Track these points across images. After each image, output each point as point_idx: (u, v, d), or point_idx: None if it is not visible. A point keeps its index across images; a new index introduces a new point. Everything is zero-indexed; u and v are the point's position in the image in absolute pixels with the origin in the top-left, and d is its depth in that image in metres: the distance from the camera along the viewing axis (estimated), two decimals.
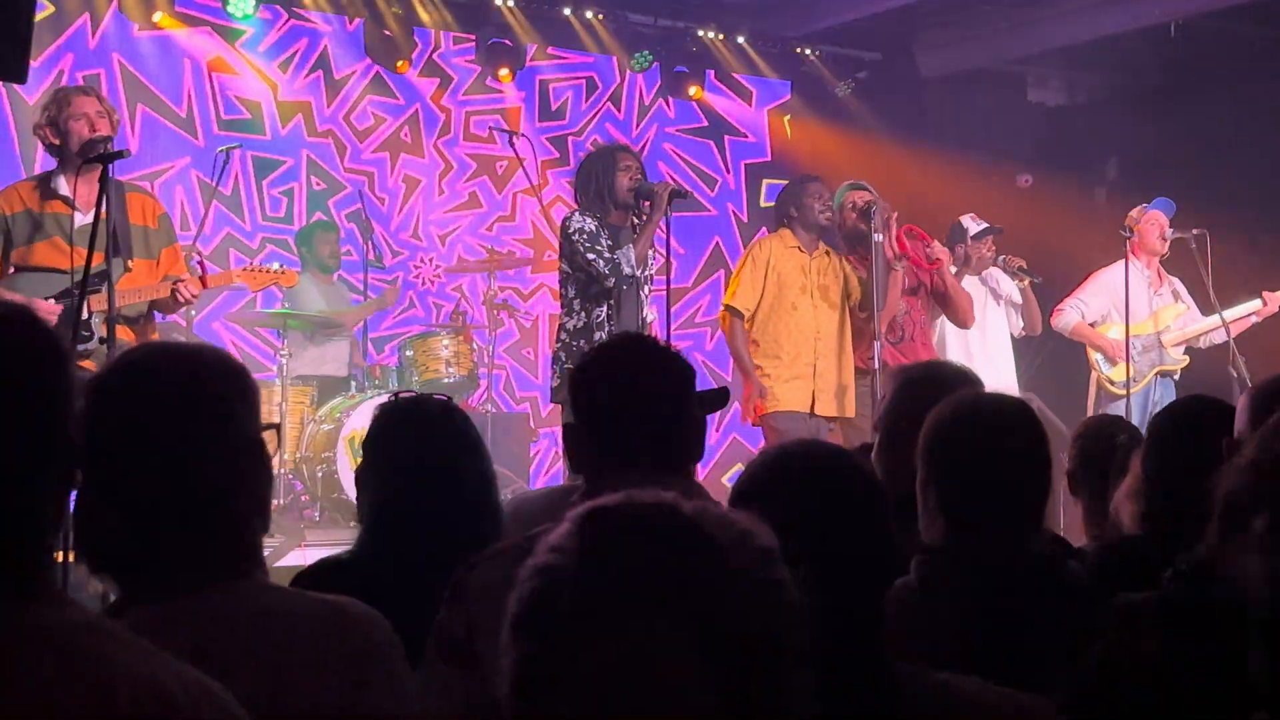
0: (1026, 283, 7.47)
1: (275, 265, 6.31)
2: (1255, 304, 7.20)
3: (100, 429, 1.63)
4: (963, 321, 6.96)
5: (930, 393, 2.82)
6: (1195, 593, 1.78)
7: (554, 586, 1.06)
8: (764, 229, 9.75)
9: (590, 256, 5.91)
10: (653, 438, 2.23)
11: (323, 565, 2.70)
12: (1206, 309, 7.25)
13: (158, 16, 8.08)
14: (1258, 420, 2.93)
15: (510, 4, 8.93)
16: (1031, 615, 2.15)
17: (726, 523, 1.11)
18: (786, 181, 7.09)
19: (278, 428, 1.92)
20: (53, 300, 5.18)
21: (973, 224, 7.52)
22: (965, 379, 2.87)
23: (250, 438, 1.74)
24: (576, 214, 6.05)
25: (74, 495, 1.44)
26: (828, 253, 6.59)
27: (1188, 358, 7.40)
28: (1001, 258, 7.40)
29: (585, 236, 5.94)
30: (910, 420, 2.81)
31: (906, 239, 6.64)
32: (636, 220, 6.15)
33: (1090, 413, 7.50)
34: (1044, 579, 2.19)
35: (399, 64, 8.69)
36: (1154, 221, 7.25)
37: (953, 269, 6.89)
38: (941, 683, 1.64)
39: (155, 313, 5.50)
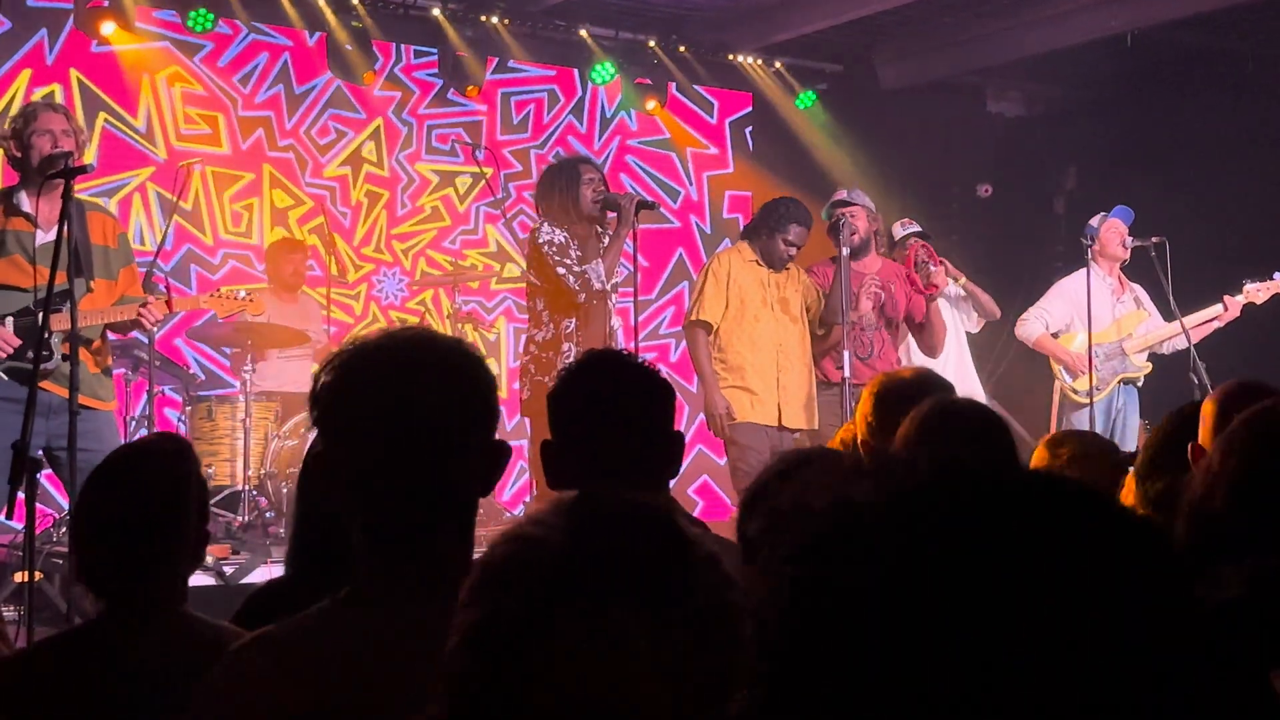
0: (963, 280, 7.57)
1: (243, 292, 6.28)
2: (1216, 309, 7.27)
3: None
4: (933, 350, 6.99)
5: (907, 403, 2.84)
6: None
7: (534, 554, 1.07)
8: (727, 240, 9.80)
9: (560, 270, 5.90)
10: (632, 454, 2.24)
11: (268, 587, 2.60)
12: (1168, 315, 7.31)
13: (110, 30, 8.01)
14: (1223, 426, 2.97)
15: (473, 16, 8.91)
16: None
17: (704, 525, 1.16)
18: (751, 198, 7.14)
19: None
20: (11, 319, 5.13)
21: (901, 229, 7.56)
22: (946, 389, 2.89)
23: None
24: (545, 225, 6.03)
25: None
26: (787, 266, 6.59)
27: (1150, 364, 7.47)
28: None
29: (554, 249, 5.93)
30: (887, 432, 2.83)
31: (915, 260, 6.71)
32: (602, 231, 6.15)
33: (1054, 422, 7.56)
34: None
35: (365, 75, 8.65)
36: (1114, 229, 7.31)
37: (845, 251, 6.56)
38: None
39: (109, 333, 5.45)
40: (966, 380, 7.62)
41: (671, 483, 2.46)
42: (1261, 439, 1.84)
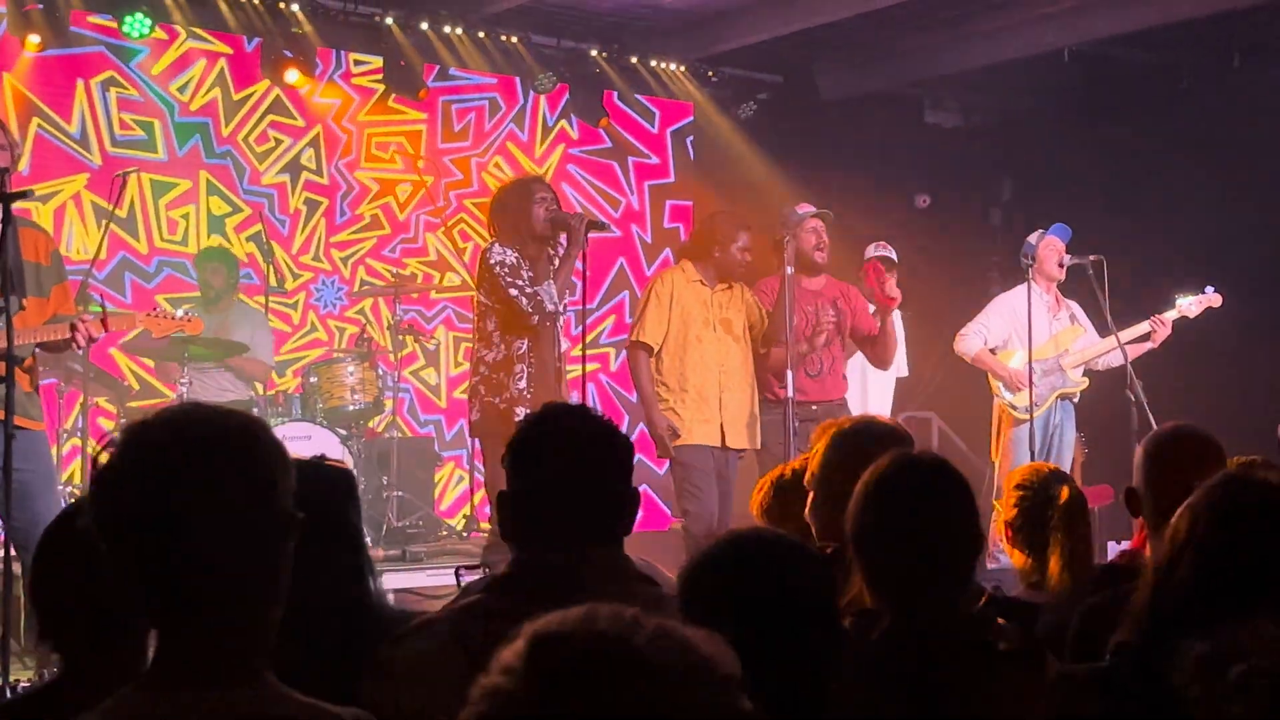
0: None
1: (180, 312, 6.18)
2: (1144, 327, 7.37)
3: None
4: (884, 363, 7.03)
5: (862, 447, 2.85)
6: (1136, 669, 1.81)
7: (501, 714, 1.05)
8: (668, 249, 9.81)
9: (513, 292, 5.87)
10: (590, 511, 2.24)
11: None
12: (1103, 331, 7.41)
13: (37, 39, 7.87)
14: (1153, 470, 3.02)
15: (414, 24, 8.86)
16: (961, 682, 2.17)
17: (685, 650, 1.08)
18: (692, 207, 7.11)
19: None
20: None
21: (872, 250, 7.57)
22: (895, 436, 2.91)
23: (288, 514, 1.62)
24: (497, 246, 5.99)
25: None
26: (729, 286, 6.57)
27: (1087, 380, 7.56)
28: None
29: (506, 270, 5.89)
30: (843, 473, 2.84)
31: (874, 271, 6.75)
32: (552, 252, 6.13)
33: (995, 437, 7.63)
34: (975, 644, 2.22)
35: (300, 80, 8.56)
36: (1052, 247, 7.38)
37: (789, 269, 6.44)
38: None
39: (39, 350, 5.35)
40: (886, 386, 7.73)
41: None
42: (1226, 511, 1.86)
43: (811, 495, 3.01)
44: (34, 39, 7.86)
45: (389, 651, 2.16)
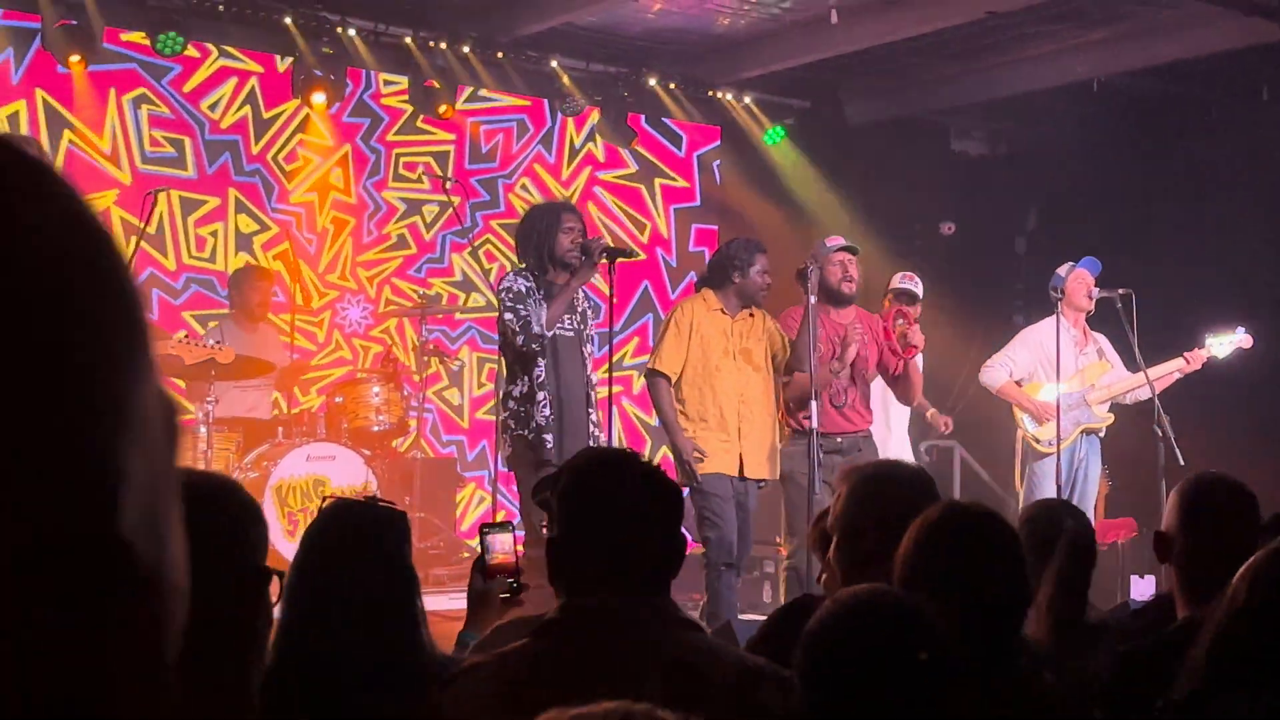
0: None
1: (213, 341, 6.19)
2: (1178, 363, 7.34)
3: None
4: (908, 399, 7.01)
5: (887, 491, 2.84)
6: None
7: None
8: (692, 273, 9.81)
9: (507, 316, 5.90)
10: (639, 559, 2.23)
11: None
12: (1131, 366, 7.37)
13: (76, 57, 7.92)
14: (1188, 518, 3.00)
15: (442, 45, 8.89)
16: None
17: None
18: (719, 231, 7.13)
19: (280, 575, 1.68)
20: None
21: (899, 282, 7.53)
22: (919, 480, 2.89)
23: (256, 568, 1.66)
24: (510, 274, 6.05)
25: None
26: (751, 314, 6.57)
27: (1113, 415, 7.52)
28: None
29: (510, 296, 5.94)
30: (867, 517, 2.83)
31: (892, 317, 6.73)
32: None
33: (1017, 469, 7.60)
34: (1022, 700, 2.21)
35: (329, 99, 8.60)
36: (1081, 280, 7.34)
37: (812, 298, 6.34)
38: None
39: None
40: (900, 449, 7.64)
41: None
42: None
43: (835, 539, 2.99)
44: (74, 58, 7.90)
45: (439, 696, 2.16)
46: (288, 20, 8.43)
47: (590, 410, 6.15)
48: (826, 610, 1.93)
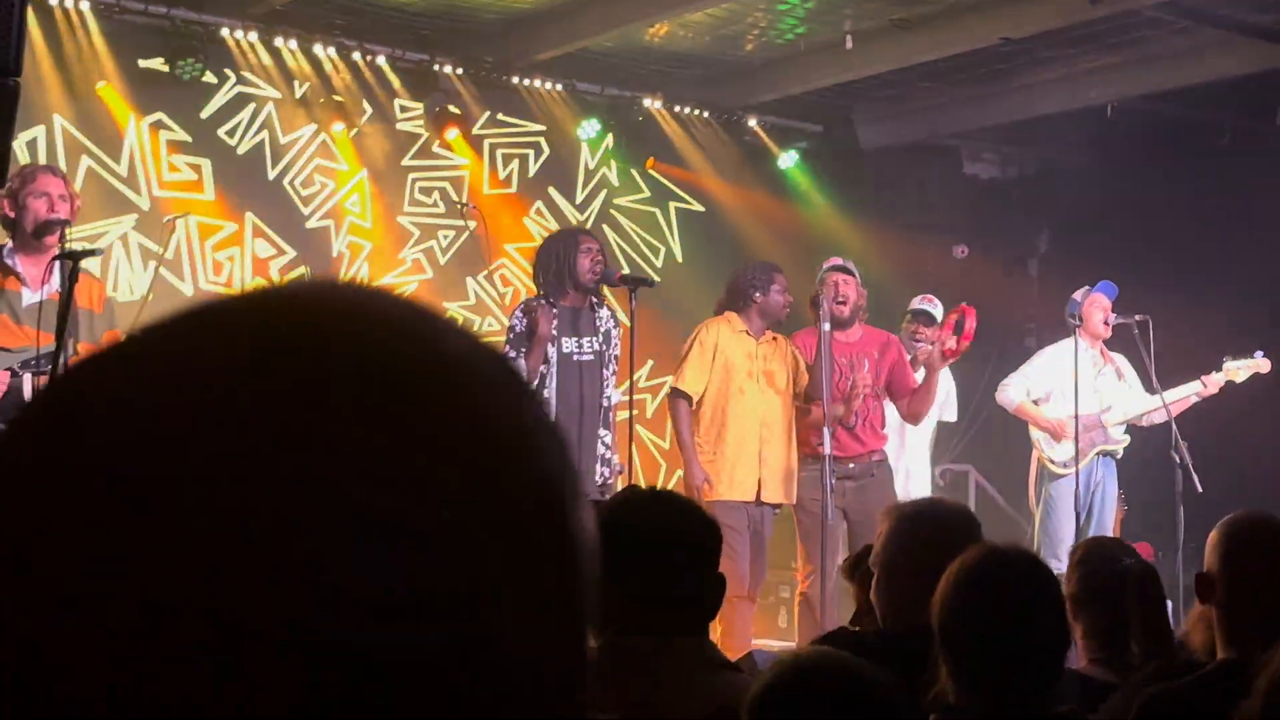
0: None
1: None
2: (1195, 386, 7.34)
3: None
4: (916, 418, 7.02)
5: (928, 531, 2.86)
6: None
7: None
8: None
9: (508, 350, 5.93)
10: (679, 601, 2.24)
11: None
12: (1149, 389, 7.36)
13: (101, 85, 7.97)
14: (1229, 557, 2.98)
15: (459, 71, 8.93)
16: None
17: None
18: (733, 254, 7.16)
19: None
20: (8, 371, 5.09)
21: (919, 303, 7.60)
22: (962, 520, 2.91)
23: None
24: (518, 311, 6.09)
25: None
26: (774, 338, 6.59)
27: (1129, 437, 7.52)
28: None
29: (510, 333, 6.00)
30: (908, 557, 2.84)
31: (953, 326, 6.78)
32: (595, 301, 6.18)
33: (1032, 491, 7.60)
34: None
35: (348, 124, 8.64)
36: (1097, 305, 7.35)
37: (825, 326, 6.44)
38: None
39: None
40: (919, 470, 7.64)
41: None
42: None
43: (876, 576, 3.00)
44: (92, 79, 7.94)
45: None
46: (305, 46, 8.47)
47: (603, 430, 6.14)
48: (772, 673, 1.91)
